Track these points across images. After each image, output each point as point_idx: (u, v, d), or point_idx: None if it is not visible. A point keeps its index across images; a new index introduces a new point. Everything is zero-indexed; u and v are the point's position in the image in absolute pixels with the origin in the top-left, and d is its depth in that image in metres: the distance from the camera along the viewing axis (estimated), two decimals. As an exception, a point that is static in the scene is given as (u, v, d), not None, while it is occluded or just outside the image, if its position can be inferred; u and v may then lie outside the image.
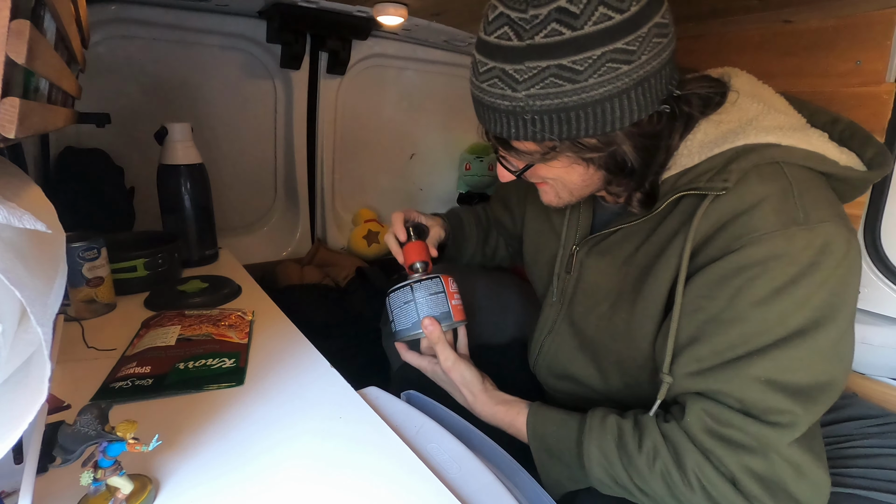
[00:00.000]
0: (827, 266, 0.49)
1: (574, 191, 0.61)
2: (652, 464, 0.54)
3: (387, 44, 1.60)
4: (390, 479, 0.48)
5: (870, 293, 0.96)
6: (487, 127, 0.56)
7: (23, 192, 0.38)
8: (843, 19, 0.90)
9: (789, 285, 0.49)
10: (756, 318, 0.51)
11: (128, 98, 1.28)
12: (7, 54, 0.25)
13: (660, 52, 0.49)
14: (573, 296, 0.71)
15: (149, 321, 0.79)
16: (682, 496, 0.53)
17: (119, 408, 0.56)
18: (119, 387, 0.61)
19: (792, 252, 0.49)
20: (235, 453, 0.51)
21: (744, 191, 0.52)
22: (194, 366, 0.65)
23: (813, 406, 0.51)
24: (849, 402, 0.87)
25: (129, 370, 0.64)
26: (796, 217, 0.50)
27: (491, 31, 0.50)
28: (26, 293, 0.26)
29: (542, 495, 0.57)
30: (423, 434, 0.57)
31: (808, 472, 0.51)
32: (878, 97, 0.87)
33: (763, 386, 0.50)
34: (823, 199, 0.53)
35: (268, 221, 1.63)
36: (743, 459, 0.51)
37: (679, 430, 0.55)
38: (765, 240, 0.50)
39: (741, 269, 0.51)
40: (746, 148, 0.53)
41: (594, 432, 0.58)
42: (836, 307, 0.50)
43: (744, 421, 0.51)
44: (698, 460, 0.52)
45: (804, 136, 0.54)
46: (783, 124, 0.56)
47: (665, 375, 0.56)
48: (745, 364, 0.51)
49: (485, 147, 1.99)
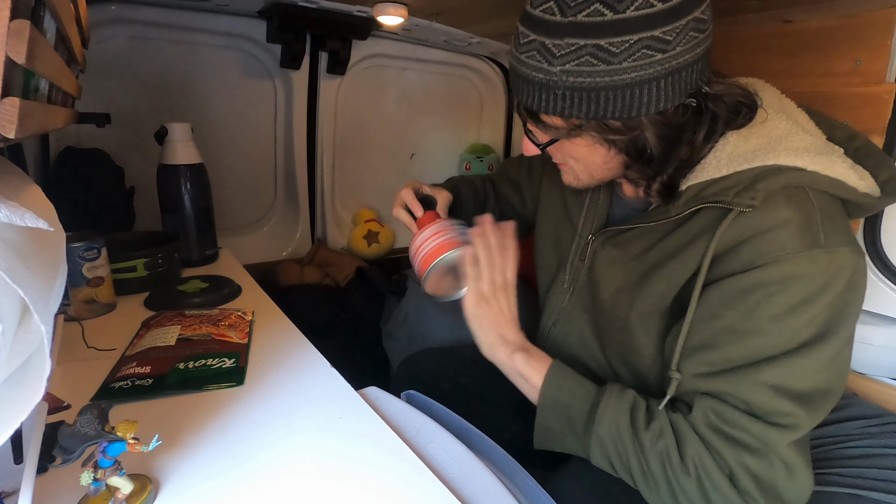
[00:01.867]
0: (837, 287, 0.52)
1: (594, 173, 0.63)
2: (655, 442, 0.56)
3: (387, 44, 1.60)
4: (390, 479, 0.48)
5: (870, 293, 0.95)
6: (520, 98, 0.57)
7: (23, 192, 0.38)
8: (843, 19, 0.90)
9: (803, 304, 0.52)
10: (770, 332, 0.53)
11: (128, 98, 1.28)
12: (7, 54, 0.25)
13: (695, 46, 0.51)
14: (585, 284, 0.72)
15: (149, 321, 0.79)
16: (676, 479, 0.55)
17: (119, 408, 0.56)
18: (119, 387, 0.61)
19: (812, 273, 0.52)
20: (235, 453, 0.51)
21: (770, 210, 0.54)
22: (194, 366, 0.65)
23: (814, 411, 0.53)
24: (849, 402, 0.87)
25: (129, 370, 0.64)
26: (818, 240, 0.52)
27: (537, 5, 0.52)
28: (28, 292, 0.26)
29: (542, 495, 0.57)
30: (423, 434, 0.57)
31: (798, 474, 0.54)
32: (878, 97, 0.87)
33: (769, 390, 0.53)
34: (841, 224, 0.55)
35: (268, 221, 1.63)
36: (742, 457, 0.53)
37: (685, 422, 0.57)
38: (790, 259, 0.52)
39: (762, 285, 0.53)
40: (775, 168, 0.55)
41: (613, 397, 0.60)
42: (839, 323, 0.53)
43: (749, 422, 0.53)
44: (699, 451, 0.55)
45: (829, 162, 0.56)
46: (810, 147, 0.57)
47: (674, 373, 0.58)
48: (753, 370, 0.53)
49: (484, 147, 1.99)
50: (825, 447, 0.78)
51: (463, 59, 1.80)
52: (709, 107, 0.56)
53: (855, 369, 0.97)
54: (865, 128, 0.89)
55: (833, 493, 0.69)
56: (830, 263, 0.52)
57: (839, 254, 0.52)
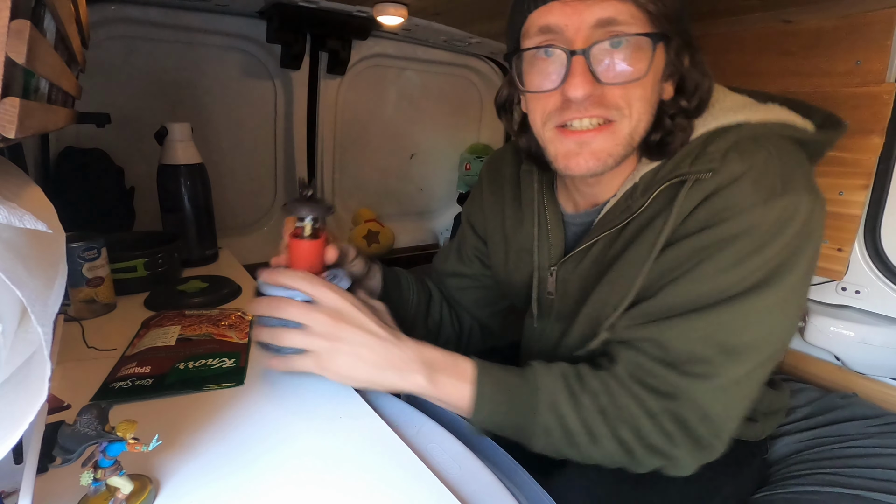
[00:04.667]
0: (787, 234, 0.51)
1: (641, 125, 0.56)
2: (595, 400, 0.55)
3: (387, 44, 1.60)
4: (390, 478, 0.48)
5: (870, 293, 0.96)
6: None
7: (23, 192, 0.38)
8: (843, 19, 0.90)
9: (752, 253, 0.51)
10: (715, 282, 0.52)
11: (128, 98, 1.27)
12: (7, 54, 0.25)
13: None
14: (558, 313, 0.70)
15: (149, 321, 0.79)
16: (615, 430, 0.54)
17: (119, 408, 0.56)
18: (119, 387, 0.60)
19: (765, 224, 0.51)
20: (235, 453, 0.51)
21: (725, 169, 0.53)
22: (194, 366, 0.65)
23: (736, 364, 0.52)
24: (849, 402, 0.87)
25: (129, 370, 0.64)
26: (774, 189, 0.51)
27: None
28: (27, 293, 0.26)
29: (542, 495, 0.57)
30: (423, 434, 0.57)
31: (714, 421, 0.53)
32: (878, 97, 0.87)
33: (697, 339, 0.52)
34: (799, 168, 0.54)
35: (268, 221, 1.63)
36: (664, 403, 0.53)
37: (610, 375, 0.56)
38: (744, 214, 0.51)
39: (715, 243, 0.52)
40: (720, 129, 0.54)
41: (543, 376, 0.57)
42: (785, 271, 0.51)
43: (665, 371, 0.53)
44: (628, 401, 0.54)
45: (767, 109, 0.56)
46: (744, 102, 0.57)
47: (602, 331, 0.58)
48: (684, 319, 0.52)
49: (484, 147, 1.99)
50: (825, 447, 0.78)
51: (463, 59, 1.80)
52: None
53: (855, 369, 0.98)
54: (865, 128, 0.89)
55: (833, 494, 0.69)
56: (784, 210, 0.51)
57: (794, 199, 0.51)
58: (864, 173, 0.91)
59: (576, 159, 0.57)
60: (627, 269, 0.59)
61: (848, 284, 0.98)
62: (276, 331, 0.54)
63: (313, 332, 0.53)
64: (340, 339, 0.53)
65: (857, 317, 0.97)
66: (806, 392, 0.92)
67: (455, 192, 2.04)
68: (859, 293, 0.97)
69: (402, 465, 0.50)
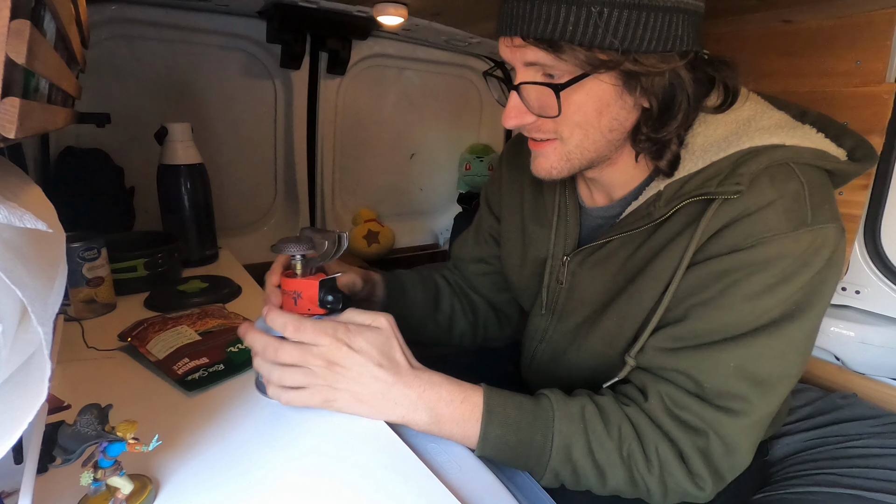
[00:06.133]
0: (815, 266, 0.51)
1: (592, 145, 0.56)
2: (620, 447, 0.54)
3: (387, 44, 1.60)
4: (391, 479, 0.48)
5: (870, 293, 0.96)
6: (525, 27, 0.49)
7: (23, 192, 0.38)
8: (843, 19, 0.90)
9: (781, 283, 0.51)
10: (741, 310, 0.52)
11: (128, 98, 1.27)
12: (7, 54, 0.25)
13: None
14: (565, 305, 0.70)
15: (126, 336, 0.73)
16: (640, 475, 0.54)
17: (119, 409, 0.56)
18: (198, 377, 0.62)
19: (794, 253, 0.51)
20: (235, 453, 0.51)
21: (755, 192, 0.52)
22: (241, 347, 0.68)
23: (770, 395, 0.53)
24: (849, 402, 0.87)
25: (189, 364, 0.64)
26: (805, 219, 0.51)
27: None
28: (27, 293, 0.26)
29: (542, 495, 0.57)
30: (423, 434, 0.57)
31: (737, 454, 0.53)
32: (878, 97, 0.87)
33: (730, 371, 0.52)
34: (828, 199, 0.53)
35: (268, 221, 1.63)
36: (695, 440, 0.53)
37: (640, 412, 0.55)
38: (775, 241, 0.51)
39: (743, 267, 0.52)
40: (753, 151, 0.53)
41: (560, 420, 0.55)
42: (813, 302, 0.52)
43: (700, 406, 0.53)
44: (657, 440, 0.54)
45: (804, 134, 0.55)
46: (781, 123, 0.56)
47: (630, 359, 0.57)
48: (717, 349, 0.52)
49: (485, 147, 1.99)
50: (825, 447, 0.78)
51: (463, 59, 1.80)
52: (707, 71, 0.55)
53: (855, 369, 0.98)
54: (865, 128, 0.89)
55: (834, 494, 0.69)
56: (813, 241, 0.51)
57: (824, 231, 0.51)
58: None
59: (534, 164, 0.61)
60: (652, 284, 0.58)
61: (848, 284, 0.98)
62: (276, 368, 0.54)
63: (311, 372, 0.54)
64: (336, 381, 0.53)
65: (857, 317, 0.97)
66: (806, 392, 0.92)
67: (455, 192, 2.04)
68: (859, 293, 0.97)
69: (403, 465, 0.50)
